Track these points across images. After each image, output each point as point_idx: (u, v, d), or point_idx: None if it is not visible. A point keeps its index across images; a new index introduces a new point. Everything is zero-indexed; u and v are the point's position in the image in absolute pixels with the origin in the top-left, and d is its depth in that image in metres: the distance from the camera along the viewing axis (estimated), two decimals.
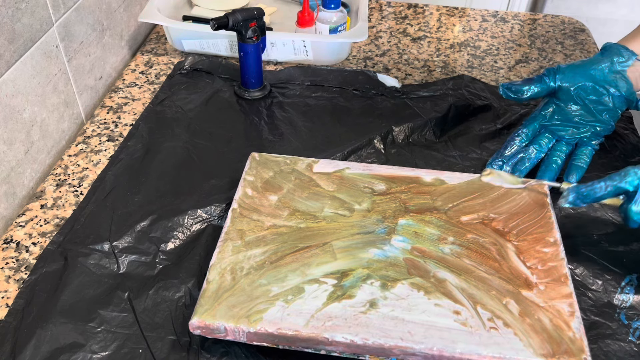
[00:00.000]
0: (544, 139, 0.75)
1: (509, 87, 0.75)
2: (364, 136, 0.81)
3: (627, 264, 0.65)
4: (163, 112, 0.85)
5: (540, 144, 0.75)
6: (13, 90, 0.69)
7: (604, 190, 0.60)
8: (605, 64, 0.73)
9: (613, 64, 0.73)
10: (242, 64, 0.86)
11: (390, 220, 0.64)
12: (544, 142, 0.75)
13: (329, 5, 0.97)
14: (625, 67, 0.72)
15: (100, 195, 0.71)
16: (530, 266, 0.59)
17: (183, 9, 1.09)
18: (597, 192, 0.60)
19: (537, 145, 0.75)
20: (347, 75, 0.92)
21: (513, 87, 0.75)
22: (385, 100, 0.88)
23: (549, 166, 0.74)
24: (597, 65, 0.73)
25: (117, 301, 0.60)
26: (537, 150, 0.75)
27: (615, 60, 0.73)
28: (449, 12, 1.15)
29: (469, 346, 0.52)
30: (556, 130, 0.75)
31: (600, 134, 0.75)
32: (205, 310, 0.54)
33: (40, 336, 0.56)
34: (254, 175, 0.69)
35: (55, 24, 0.77)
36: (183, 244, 0.66)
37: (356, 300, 0.55)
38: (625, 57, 0.72)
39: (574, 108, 0.75)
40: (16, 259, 0.65)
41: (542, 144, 0.75)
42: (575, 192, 0.61)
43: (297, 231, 0.62)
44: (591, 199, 0.61)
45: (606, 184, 0.60)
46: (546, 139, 0.75)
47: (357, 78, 0.92)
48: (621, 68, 0.72)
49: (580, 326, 0.54)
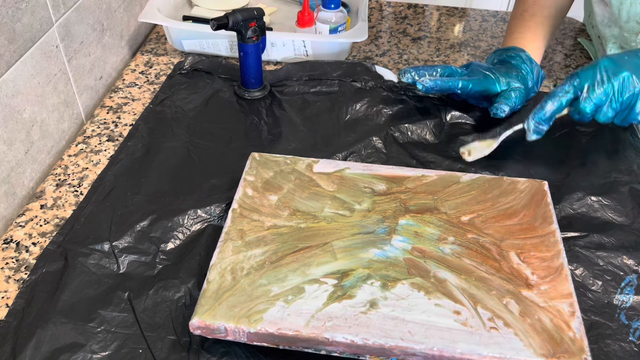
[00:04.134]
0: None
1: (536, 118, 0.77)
2: (364, 136, 0.81)
3: (627, 264, 0.65)
4: (163, 112, 0.85)
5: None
6: (13, 90, 0.69)
7: (556, 105, 0.72)
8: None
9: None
10: (242, 64, 0.86)
11: (390, 220, 0.64)
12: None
13: (329, 5, 0.97)
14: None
15: (100, 195, 0.71)
16: (531, 266, 0.59)
17: (183, 9, 1.09)
18: (549, 108, 0.72)
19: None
20: (345, 67, 0.92)
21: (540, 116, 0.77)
22: (384, 97, 0.88)
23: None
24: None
25: (117, 301, 0.60)
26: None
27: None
28: (449, 12, 1.15)
29: (469, 346, 0.52)
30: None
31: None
32: (206, 311, 0.54)
33: (40, 336, 0.56)
34: (254, 175, 0.69)
35: (55, 24, 0.77)
36: (183, 244, 0.66)
37: (356, 300, 0.55)
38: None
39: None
40: (16, 259, 0.65)
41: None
42: (532, 119, 0.73)
43: (297, 231, 0.62)
44: (547, 116, 0.72)
45: (552, 100, 0.72)
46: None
47: (355, 69, 0.92)
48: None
49: (580, 326, 0.54)
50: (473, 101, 0.84)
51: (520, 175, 0.75)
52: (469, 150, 0.75)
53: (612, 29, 0.87)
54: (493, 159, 0.78)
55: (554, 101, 0.72)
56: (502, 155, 0.79)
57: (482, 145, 0.76)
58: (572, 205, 0.72)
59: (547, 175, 0.75)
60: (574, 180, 0.75)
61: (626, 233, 0.69)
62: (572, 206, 0.72)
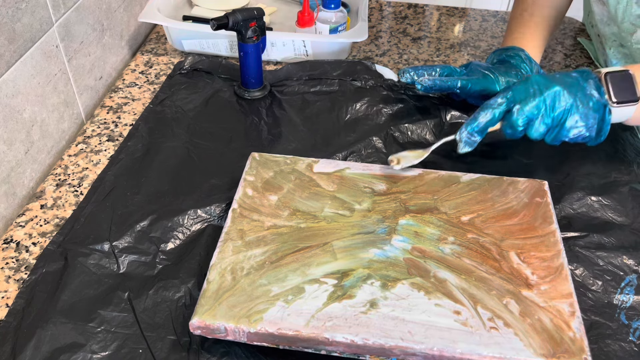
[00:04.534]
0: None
1: None
2: (364, 136, 0.81)
3: (627, 264, 0.65)
4: (163, 112, 0.85)
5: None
6: (13, 90, 0.69)
7: (489, 117, 0.71)
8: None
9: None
10: (242, 64, 0.86)
11: (390, 220, 0.64)
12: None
13: (329, 5, 0.97)
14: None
15: (100, 195, 0.71)
16: (531, 266, 0.59)
17: (183, 9, 1.09)
18: (482, 120, 0.71)
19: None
20: (345, 66, 0.92)
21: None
22: (384, 96, 0.88)
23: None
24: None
25: (117, 301, 0.60)
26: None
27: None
28: (449, 12, 1.15)
29: (469, 346, 0.52)
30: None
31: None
32: (206, 311, 0.54)
33: (40, 336, 0.56)
34: (254, 175, 0.69)
35: (55, 24, 0.77)
36: (183, 244, 0.66)
37: (356, 300, 0.55)
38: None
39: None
40: (16, 259, 0.65)
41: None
42: (464, 130, 0.72)
43: (297, 231, 0.62)
44: (480, 128, 0.71)
45: (485, 112, 0.71)
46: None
47: (355, 68, 0.92)
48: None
49: (580, 326, 0.54)
50: (473, 101, 0.84)
51: (520, 175, 0.75)
52: (398, 159, 0.72)
53: (612, 27, 0.87)
54: (493, 159, 0.78)
55: (486, 112, 0.71)
56: (502, 155, 0.79)
57: (412, 155, 0.73)
58: (572, 205, 0.72)
59: (547, 175, 0.75)
60: (574, 180, 0.75)
61: (626, 233, 0.69)
62: (572, 206, 0.72)
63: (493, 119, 0.71)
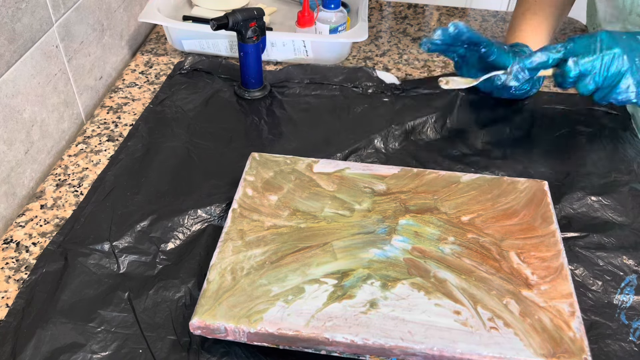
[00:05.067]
0: None
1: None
2: (364, 136, 0.81)
3: (627, 264, 0.65)
4: (163, 112, 0.85)
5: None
6: (13, 90, 0.69)
7: (544, 58, 0.72)
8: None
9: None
10: (242, 64, 0.86)
11: (390, 220, 0.64)
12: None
13: (329, 5, 0.97)
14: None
15: (100, 195, 0.71)
16: (531, 266, 0.59)
17: (183, 9, 1.09)
18: (536, 59, 0.72)
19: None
20: (346, 72, 0.92)
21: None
22: (385, 98, 0.88)
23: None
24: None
25: (117, 301, 0.60)
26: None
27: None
28: (449, 12, 1.15)
29: (469, 346, 0.52)
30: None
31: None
32: (206, 311, 0.54)
33: (40, 336, 0.56)
34: (254, 175, 0.69)
35: (55, 24, 0.77)
36: (183, 244, 0.66)
37: (356, 300, 0.55)
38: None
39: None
40: (16, 259, 0.65)
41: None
42: (517, 64, 0.72)
43: (297, 231, 0.62)
44: (532, 66, 0.72)
45: (542, 53, 0.72)
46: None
47: (356, 75, 0.92)
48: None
49: (580, 326, 0.54)
50: (480, 74, 0.80)
51: (520, 175, 0.75)
52: (447, 80, 0.76)
53: (615, 25, 0.87)
54: (493, 159, 0.78)
55: (543, 54, 0.72)
56: (502, 155, 0.79)
57: (462, 80, 0.77)
58: (572, 205, 0.72)
59: (547, 175, 0.76)
60: (574, 180, 0.75)
61: (626, 233, 0.69)
62: (572, 206, 0.72)
63: (547, 62, 0.72)
